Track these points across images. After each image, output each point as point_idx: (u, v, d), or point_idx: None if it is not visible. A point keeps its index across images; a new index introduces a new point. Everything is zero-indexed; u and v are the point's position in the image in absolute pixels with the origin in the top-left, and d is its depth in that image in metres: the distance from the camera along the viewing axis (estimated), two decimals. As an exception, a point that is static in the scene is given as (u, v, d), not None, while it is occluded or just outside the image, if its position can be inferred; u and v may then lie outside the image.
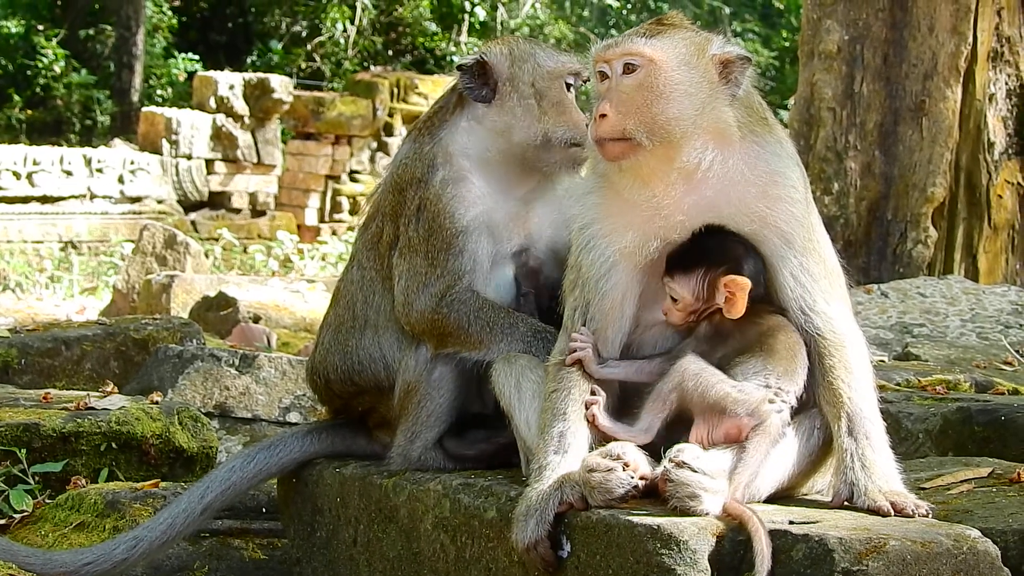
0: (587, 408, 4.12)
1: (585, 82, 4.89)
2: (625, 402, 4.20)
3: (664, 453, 3.89)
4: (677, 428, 4.07)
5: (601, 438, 4.10)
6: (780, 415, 3.99)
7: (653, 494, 3.88)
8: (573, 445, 4.07)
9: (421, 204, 4.77)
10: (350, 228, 26.30)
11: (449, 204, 4.73)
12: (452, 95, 4.97)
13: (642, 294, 4.20)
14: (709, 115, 4.07)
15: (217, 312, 12.92)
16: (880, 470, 3.99)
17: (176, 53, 37.10)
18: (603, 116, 4.05)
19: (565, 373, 4.16)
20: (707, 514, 3.79)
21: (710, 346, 4.13)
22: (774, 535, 3.70)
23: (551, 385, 4.18)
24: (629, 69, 4.07)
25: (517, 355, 4.52)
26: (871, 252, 12.41)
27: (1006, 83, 12.58)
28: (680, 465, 3.82)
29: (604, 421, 4.10)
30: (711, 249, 4.11)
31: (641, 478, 3.89)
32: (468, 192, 4.75)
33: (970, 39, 12.32)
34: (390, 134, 27.48)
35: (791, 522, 3.77)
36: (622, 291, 4.18)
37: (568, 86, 4.87)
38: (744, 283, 4.06)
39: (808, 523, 3.77)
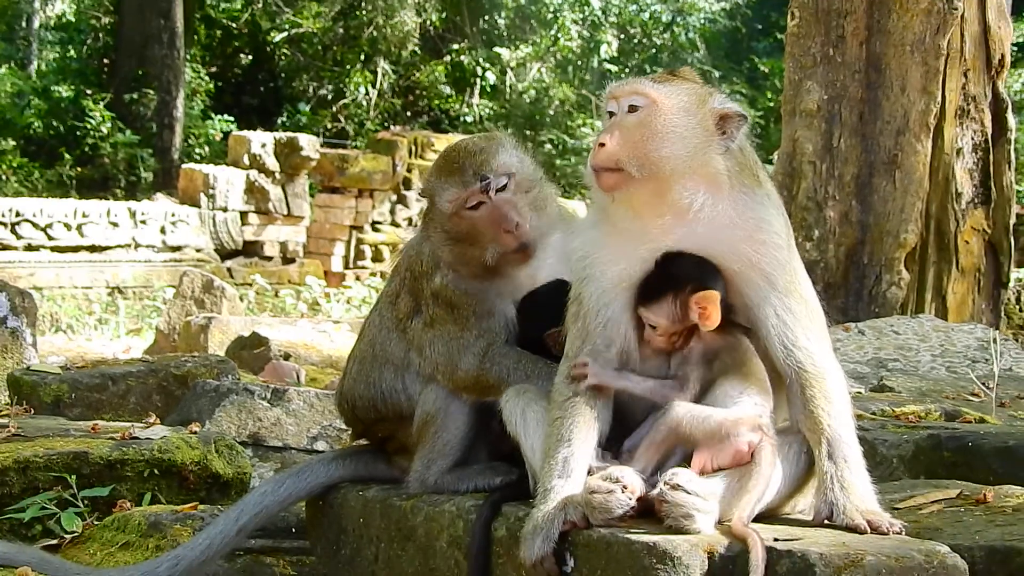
0: (581, 368, 4.10)
1: (511, 176, 4.64)
2: (621, 421, 4.20)
3: (660, 476, 3.91)
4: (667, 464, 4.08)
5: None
6: (771, 431, 3.99)
7: (650, 514, 3.90)
8: (576, 470, 4.06)
9: (434, 293, 4.75)
10: (372, 274, 26.39)
11: (461, 296, 4.71)
12: None
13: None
14: (700, 159, 4.05)
15: (251, 350, 12.89)
16: (858, 491, 3.98)
17: (213, 115, 37.26)
18: (602, 145, 4.03)
19: (568, 402, 4.15)
20: (700, 532, 3.79)
21: (707, 367, 4.12)
22: (760, 551, 3.71)
23: (555, 413, 4.16)
24: (633, 108, 4.07)
25: (526, 387, 4.47)
26: (849, 293, 12.41)
27: (972, 138, 12.61)
28: (675, 487, 3.82)
29: (606, 379, 4.11)
30: (674, 272, 4.05)
31: (638, 499, 3.91)
32: (470, 285, 4.72)
33: (939, 98, 12.35)
34: (408, 188, 27.61)
35: (776, 539, 3.77)
36: (623, 322, 4.16)
37: (478, 205, 4.63)
38: (713, 295, 4.00)
39: (791, 540, 3.77)
